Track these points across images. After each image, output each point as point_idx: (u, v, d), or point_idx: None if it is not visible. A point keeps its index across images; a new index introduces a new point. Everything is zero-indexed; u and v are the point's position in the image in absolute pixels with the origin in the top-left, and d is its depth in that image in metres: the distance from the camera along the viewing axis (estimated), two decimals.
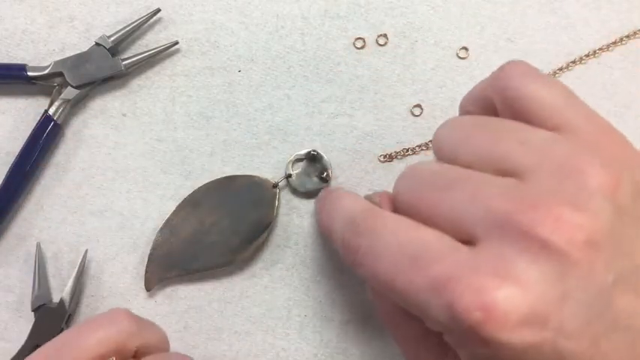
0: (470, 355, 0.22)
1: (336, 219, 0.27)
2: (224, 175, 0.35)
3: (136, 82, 0.36)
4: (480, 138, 0.24)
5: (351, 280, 0.35)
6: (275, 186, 0.35)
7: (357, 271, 0.25)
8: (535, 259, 0.20)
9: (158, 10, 0.36)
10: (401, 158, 0.36)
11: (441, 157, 0.25)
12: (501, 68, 0.25)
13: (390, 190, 0.35)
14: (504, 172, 0.22)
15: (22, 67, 0.35)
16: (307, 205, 0.35)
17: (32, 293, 0.33)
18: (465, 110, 0.28)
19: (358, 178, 0.35)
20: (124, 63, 0.35)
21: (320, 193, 0.34)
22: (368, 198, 0.27)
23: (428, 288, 0.21)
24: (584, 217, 0.20)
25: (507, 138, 0.23)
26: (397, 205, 0.26)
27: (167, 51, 0.36)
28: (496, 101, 0.25)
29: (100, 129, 0.36)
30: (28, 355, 0.28)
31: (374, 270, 0.24)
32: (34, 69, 0.35)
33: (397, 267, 0.23)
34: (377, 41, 0.37)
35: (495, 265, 0.20)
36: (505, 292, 0.20)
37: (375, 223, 0.25)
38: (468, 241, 0.22)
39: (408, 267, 0.22)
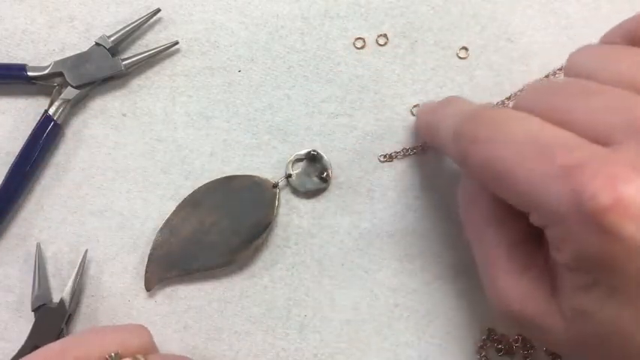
0: (574, 254, 0.22)
1: (447, 115, 0.27)
2: (224, 175, 0.35)
3: (136, 82, 0.36)
4: (624, 60, 0.24)
5: (351, 280, 0.35)
6: (275, 186, 0.35)
7: (467, 161, 0.25)
8: None
9: (158, 10, 0.36)
10: (401, 158, 0.36)
11: (575, 74, 0.25)
12: None
13: (391, 189, 0.35)
14: None
15: (22, 67, 0.35)
16: (307, 205, 0.35)
17: (32, 293, 0.33)
18: (607, 41, 0.28)
19: (358, 178, 0.35)
20: (124, 63, 0.35)
21: (424, 103, 0.34)
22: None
23: (554, 174, 0.21)
24: None
25: None
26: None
27: (167, 51, 0.36)
28: None
29: (100, 129, 0.36)
30: (28, 354, 0.28)
31: (490, 158, 0.23)
32: (34, 69, 0.35)
33: (521, 154, 0.22)
34: (377, 41, 0.37)
35: (632, 160, 0.20)
36: (639, 185, 0.19)
37: (499, 115, 0.24)
38: (604, 144, 0.22)
39: (534, 155, 0.22)
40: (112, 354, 0.27)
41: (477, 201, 0.27)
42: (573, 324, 0.23)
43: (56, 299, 0.34)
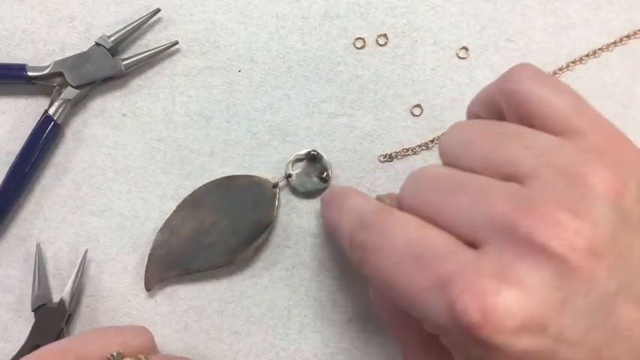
0: (465, 359, 0.22)
1: (344, 216, 0.27)
2: (224, 175, 0.35)
3: (136, 82, 0.36)
4: (484, 142, 0.24)
5: (351, 280, 0.35)
6: (275, 186, 0.35)
7: (361, 268, 0.25)
8: (535, 264, 0.20)
9: (158, 10, 0.36)
10: (401, 158, 0.36)
11: (447, 161, 0.25)
12: (509, 71, 0.25)
13: (391, 189, 0.35)
14: (508, 176, 0.22)
15: (22, 67, 0.35)
16: (307, 205, 0.35)
17: (32, 293, 0.33)
18: (472, 113, 0.28)
19: (358, 178, 0.35)
20: (124, 63, 0.35)
21: (327, 191, 0.34)
22: (378, 199, 0.27)
23: (429, 287, 0.21)
24: (585, 223, 0.20)
25: (512, 142, 0.23)
26: (403, 209, 0.26)
27: (167, 51, 0.36)
28: (502, 104, 0.25)
29: (100, 129, 0.36)
30: (27, 354, 0.28)
31: (377, 267, 0.24)
32: (34, 69, 0.35)
33: (400, 265, 0.23)
34: (377, 41, 0.37)
35: (496, 268, 0.20)
36: (505, 296, 0.20)
37: (384, 220, 0.24)
38: (472, 244, 0.22)
39: (411, 265, 0.22)
40: (114, 353, 0.27)
41: (384, 302, 0.28)
42: None
43: (56, 299, 0.34)
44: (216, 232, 0.34)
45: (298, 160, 0.36)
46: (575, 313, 0.20)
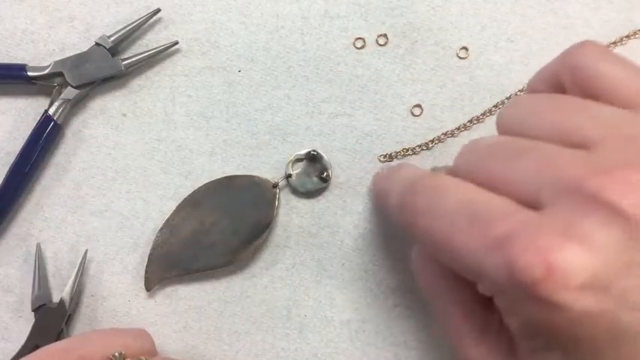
0: (521, 322, 0.22)
1: (395, 183, 0.27)
2: (224, 175, 0.35)
3: (136, 82, 0.36)
4: (550, 112, 0.24)
5: (351, 280, 0.35)
6: (275, 186, 0.35)
7: (412, 231, 0.25)
8: (604, 222, 0.20)
9: (158, 10, 0.36)
10: (401, 158, 0.36)
11: (506, 130, 0.25)
12: (573, 46, 0.25)
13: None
14: (573, 144, 0.22)
15: (22, 67, 0.35)
16: (307, 205, 0.35)
17: (32, 293, 0.33)
18: (533, 89, 0.28)
19: (358, 178, 0.35)
20: (124, 63, 0.35)
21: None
22: (434, 169, 0.27)
23: (487, 246, 0.21)
24: None
25: (577, 112, 0.23)
26: (458, 177, 0.26)
27: (167, 51, 0.36)
28: (565, 80, 0.25)
29: (100, 129, 0.36)
30: (28, 354, 0.28)
31: (430, 229, 0.24)
32: (34, 69, 0.35)
33: (455, 225, 0.22)
34: (377, 41, 0.37)
35: (561, 225, 0.20)
36: (569, 252, 0.19)
37: (436, 183, 0.24)
38: (533, 206, 0.22)
39: (466, 225, 0.22)
40: (116, 354, 0.27)
41: (429, 267, 0.28)
42: None
43: (56, 299, 0.34)
44: (216, 232, 0.34)
45: (298, 160, 0.36)
46: None
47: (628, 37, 0.37)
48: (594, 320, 0.20)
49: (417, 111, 0.36)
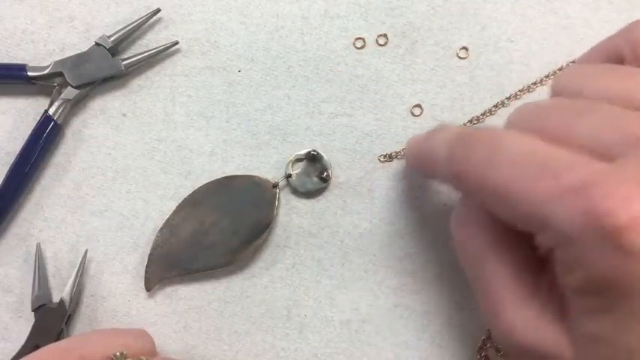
0: (585, 276, 0.21)
1: (438, 140, 0.27)
2: (224, 175, 0.35)
3: (136, 82, 0.36)
4: (613, 77, 0.24)
5: (350, 280, 0.35)
6: (275, 186, 0.35)
7: (463, 183, 0.25)
8: None
9: (158, 10, 0.36)
10: (401, 158, 0.36)
11: (563, 93, 0.25)
12: (636, 22, 0.25)
13: (391, 189, 0.35)
14: (636, 108, 0.22)
15: (22, 67, 0.35)
16: (307, 205, 0.35)
17: (32, 293, 0.33)
18: (589, 61, 0.28)
19: (358, 178, 0.35)
20: (124, 63, 0.35)
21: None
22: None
23: (559, 193, 0.21)
24: None
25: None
26: None
27: (167, 51, 0.36)
28: (627, 53, 0.25)
29: (100, 129, 0.36)
30: (28, 354, 0.28)
31: (488, 178, 0.23)
32: (34, 69, 0.35)
33: (518, 173, 0.22)
34: (377, 41, 0.37)
35: (637, 176, 0.20)
36: None
37: (493, 134, 0.24)
38: (604, 160, 0.21)
39: (535, 174, 0.22)
40: (117, 354, 0.27)
41: (473, 230, 0.27)
42: (584, 351, 0.22)
43: (56, 299, 0.34)
44: (216, 232, 0.34)
45: (298, 160, 0.36)
46: None
47: None
48: None
49: (417, 111, 0.36)
